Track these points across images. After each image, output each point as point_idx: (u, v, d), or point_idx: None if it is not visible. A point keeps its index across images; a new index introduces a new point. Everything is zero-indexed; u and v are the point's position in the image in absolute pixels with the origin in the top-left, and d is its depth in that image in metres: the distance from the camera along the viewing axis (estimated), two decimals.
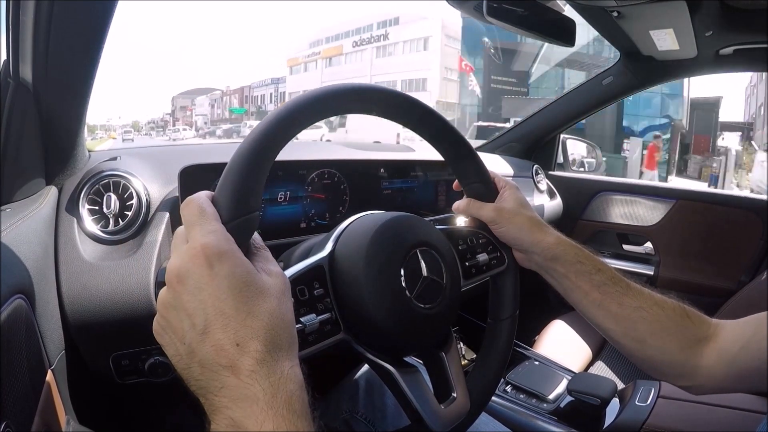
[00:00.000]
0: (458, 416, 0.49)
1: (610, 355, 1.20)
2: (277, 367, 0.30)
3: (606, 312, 0.52)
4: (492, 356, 0.55)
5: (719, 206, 1.39)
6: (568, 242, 0.55)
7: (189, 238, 0.32)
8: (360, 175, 0.87)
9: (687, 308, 0.52)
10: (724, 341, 0.49)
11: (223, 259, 0.31)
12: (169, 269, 0.32)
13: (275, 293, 0.32)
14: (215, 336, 0.29)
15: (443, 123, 0.51)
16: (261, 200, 0.36)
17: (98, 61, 0.58)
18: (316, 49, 39.89)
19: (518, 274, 0.58)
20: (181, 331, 0.31)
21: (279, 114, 0.37)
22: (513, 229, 0.54)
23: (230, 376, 0.29)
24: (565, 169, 1.66)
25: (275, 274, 0.34)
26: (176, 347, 0.31)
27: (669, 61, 1.27)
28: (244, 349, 0.29)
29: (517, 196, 0.56)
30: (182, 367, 0.31)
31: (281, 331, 0.31)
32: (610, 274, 0.53)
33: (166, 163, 0.73)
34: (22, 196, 0.61)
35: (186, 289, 0.31)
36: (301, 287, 0.41)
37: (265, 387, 0.28)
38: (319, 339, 0.41)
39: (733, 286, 1.30)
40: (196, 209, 0.33)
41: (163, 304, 0.32)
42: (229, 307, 0.30)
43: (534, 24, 0.95)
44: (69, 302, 0.60)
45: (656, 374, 0.54)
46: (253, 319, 0.30)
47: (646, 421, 0.78)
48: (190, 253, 0.31)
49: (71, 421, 0.60)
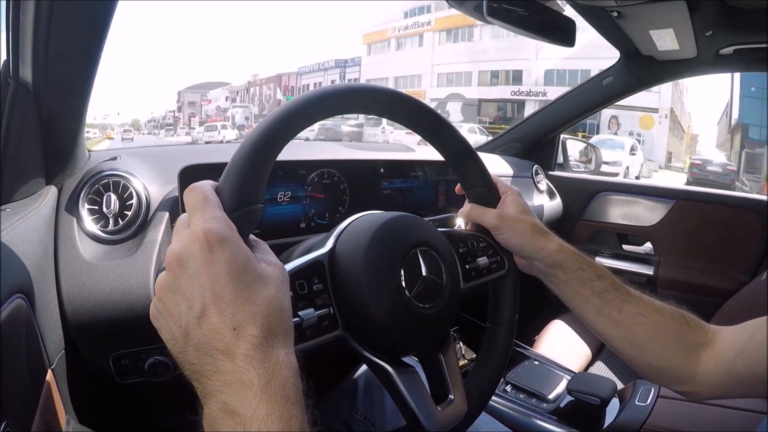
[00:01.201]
0: (455, 418, 0.49)
1: (610, 355, 1.20)
2: (272, 354, 0.30)
3: (606, 318, 0.53)
4: (490, 360, 0.55)
5: (719, 206, 1.39)
6: (570, 249, 0.55)
7: (191, 223, 0.32)
8: (360, 175, 0.87)
9: (686, 314, 0.52)
10: (721, 348, 0.49)
11: (225, 244, 0.31)
12: (169, 253, 0.32)
13: (274, 281, 0.32)
14: (211, 320, 0.30)
15: (446, 125, 0.51)
16: (263, 194, 0.36)
17: (98, 61, 0.58)
18: (420, 19, 28.24)
19: (518, 279, 0.58)
20: (177, 315, 0.31)
21: (284, 110, 0.38)
22: (515, 236, 0.55)
23: (225, 360, 0.29)
24: (565, 170, 1.66)
25: (275, 264, 0.34)
26: (172, 331, 0.31)
27: (669, 61, 1.27)
28: (240, 334, 0.29)
29: (519, 201, 0.56)
30: (177, 351, 0.31)
31: (278, 318, 0.31)
32: (611, 281, 0.54)
33: (166, 163, 0.74)
34: (22, 195, 0.61)
35: (185, 272, 0.31)
36: (300, 281, 0.41)
37: (260, 372, 0.29)
38: (317, 334, 0.41)
39: (733, 286, 1.29)
40: (200, 196, 0.33)
41: (161, 287, 0.32)
42: (227, 292, 0.30)
43: (534, 24, 0.95)
44: (69, 302, 0.60)
45: (655, 380, 0.54)
46: (251, 305, 0.30)
47: (646, 421, 0.78)
48: (191, 237, 0.31)
49: (71, 420, 0.60)
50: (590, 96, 1.46)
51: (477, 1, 0.89)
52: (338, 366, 0.80)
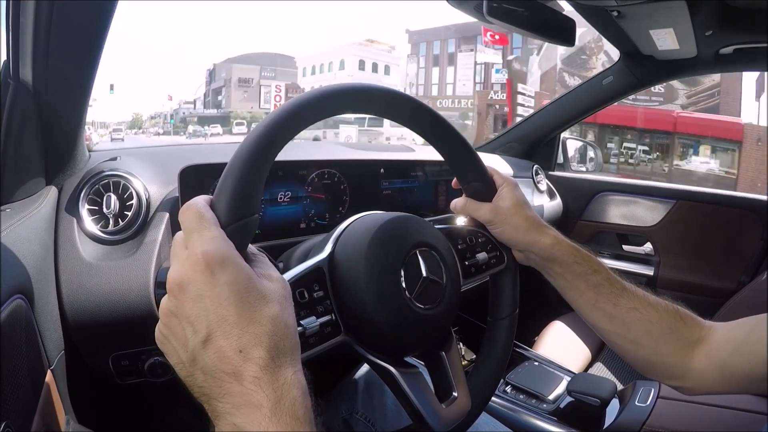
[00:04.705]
0: (459, 415, 0.49)
1: (610, 355, 1.20)
2: (280, 374, 0.29)
3: (601, 312, 0.53)
4: (492, 355, 0.56)
5: (719, 206, 1.39)
6: (566, 243, 0.55)
7: (188, 245, 0.32)
8: (360, 175, 0.87)
9: (681, 310, 0.52)
10: (716, 344, 0.49)
11: (225, 265, 0.30)
12: (170, 278, 0.32)
13: (277, 298, 0.32)
14: (218, 343, 0.29)
15: (441, 122, 0.51)
16: (260, 203, 0.35)
17: (98, 61, 0.58)
18: None
19: (518, 273, 0.58)
20: (183, 339, 0.31)
21: (279, 114, 0.37)
22: (509, 230, 0.55)
23: (233, 382, 0.29)
24: (565, 170, 1.66)
25: (276, 278, 0.34)
26: (179, 355, 0.31)
27: (669, 61, 1.27)
28: (247, 356, 0.29)
29: (515, 194, 0.56)
30: (185, 375, 0.31)
31: (284, 336, 0.31)
32: (606, 275, 0.54)
33: (166, 163, 0.73)
34: (22, 196, 0.61)
35: (187, 296, 0.30)
36: (300, 290, 0.41)
37: (269, 393, 0.28)
38: (320, 341, 0.41)
39: (733, 286, 1.30)
40: (195, 215, 0.33)
41: (165, 312, 0.32)
42: (231, 313, 0.30)
43: (534, 24, 0.95)
44: (69, 302, 0.60)
45: (649, 374, 0.54)
46: (256, 326, 0.30)
47: (646, 421, 0.78)
48: (190, 260, 0.31)
49: (71, 421, 0.60)
50: (590, 96, 1.46)
51: (477, 1, 0.89)
52: (338, 366, 0.80)
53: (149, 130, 37.36)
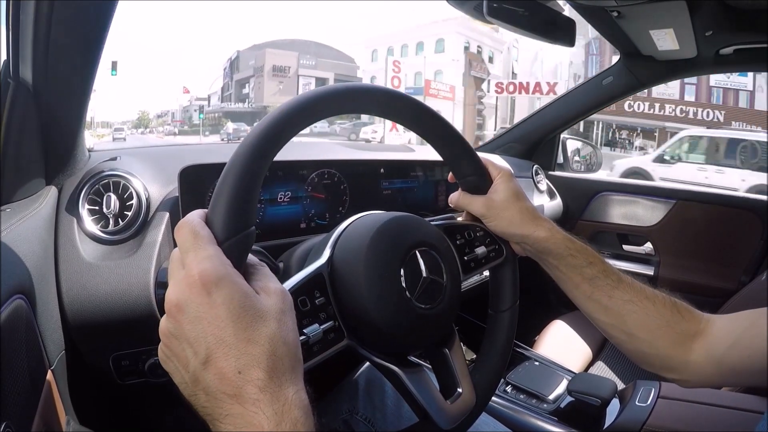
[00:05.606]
0: (465, 411, 0.49)
1: (610, 355, 1.20)
2: (281, 394, 0.29)
3: (596, 304, 0.53)
4: (494, 348, 0.56)
5: (719, 206, 1.39)
6: (561, 235, 0.55)
7: (185, 264, 0.32)
8: (360, 175, 0.87)
9: (678, 303, 0.52)
10: (714, 338, 0.49)
11: (221, 285, 0.30)
12: (167, 299, 0.32)
13: (275, 315, 0.31)
14: (217, 364, 0.29)
15: (436, 118, 0.50)
16: (256, 215, 0.35)
17: (98, 61, 0.58)
18: None
19: (517, 265, 0.58)
20: (184, 360, 0.31)
21: (273, 119, 0.36)
22: (503, 223, 0.54)
23: (234, 404, 0.29)
24: (565, 170, 1.66)
25: (274, 292, 0.33)
26: (181, 375, 0.31)
27: (669, 61, 1.27)
28: (245, 378, 0.29)
29: (509, 186, 0.55)
30: (188, 394, 0.31)
31: (283, 355, 0.31)
32: (602, 267, 0.54)
33: (166, 163, 0.73)
34: (22, 196, 0.61)
35: (186, 318, 0.30)
36: (302, 298, 0.41)
37: (269, 415, 0.28)
38: (324, 348, 0.41)
39: (733, 286, 1.30)
40: (190, 233, 0.32)
41: (165, 333, 0.32)
42: (228, 334, 0.29)
43: (534, 24, 0.95)
44: (69, 302, 0.60)
45: (646, 366, 0.54)
46: (254, 346, 0.30)
47: (647, 421, 0.78)
48: (187, 281, 0.31)
49: (71, 421, 0.60)
50: (590, 96, 1.46)
51: (477, 1, 0.89)
52: (338, 366, 0.80)
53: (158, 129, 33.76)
